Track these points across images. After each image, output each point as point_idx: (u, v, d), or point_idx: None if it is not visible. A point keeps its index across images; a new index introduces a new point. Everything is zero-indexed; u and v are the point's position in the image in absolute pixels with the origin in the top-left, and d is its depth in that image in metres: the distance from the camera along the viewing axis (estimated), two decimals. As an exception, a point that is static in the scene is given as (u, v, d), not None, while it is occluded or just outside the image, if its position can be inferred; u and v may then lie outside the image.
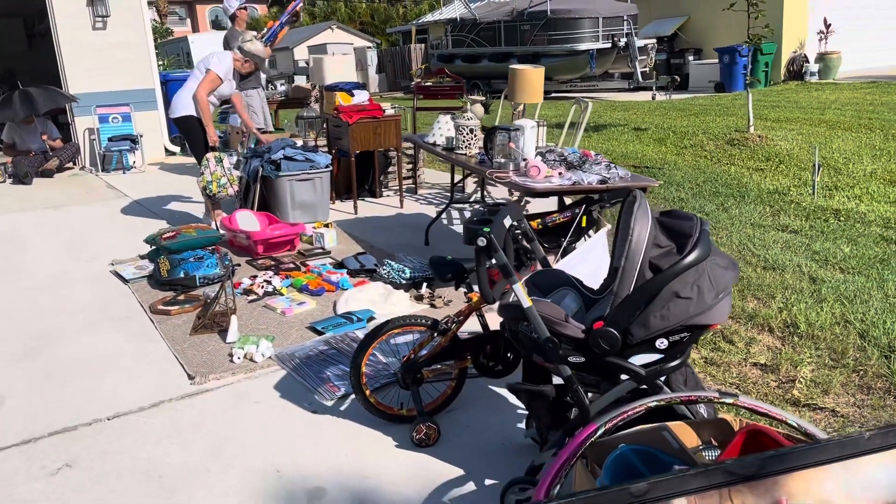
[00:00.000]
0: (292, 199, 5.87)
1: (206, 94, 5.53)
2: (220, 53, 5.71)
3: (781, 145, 8.80)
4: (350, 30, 29.66)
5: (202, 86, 5.50)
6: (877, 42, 18.59)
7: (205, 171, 5.50)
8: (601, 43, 16.37)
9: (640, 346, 2.10)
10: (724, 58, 16.07)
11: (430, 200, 6.79)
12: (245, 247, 5.22)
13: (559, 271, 2.50)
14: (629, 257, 2.04)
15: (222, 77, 5.59)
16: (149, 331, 4.04)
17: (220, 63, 5.57)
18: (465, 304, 2.87)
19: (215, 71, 5.53)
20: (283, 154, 5.88)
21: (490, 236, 2.12)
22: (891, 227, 5.69)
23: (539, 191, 3.58)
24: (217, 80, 5.56)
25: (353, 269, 4.69)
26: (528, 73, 4.53)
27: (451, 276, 2.74)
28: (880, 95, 12.97)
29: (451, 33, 19.63)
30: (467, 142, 4.48)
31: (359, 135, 6.08)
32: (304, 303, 4.21)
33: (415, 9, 36.15)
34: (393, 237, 5.59)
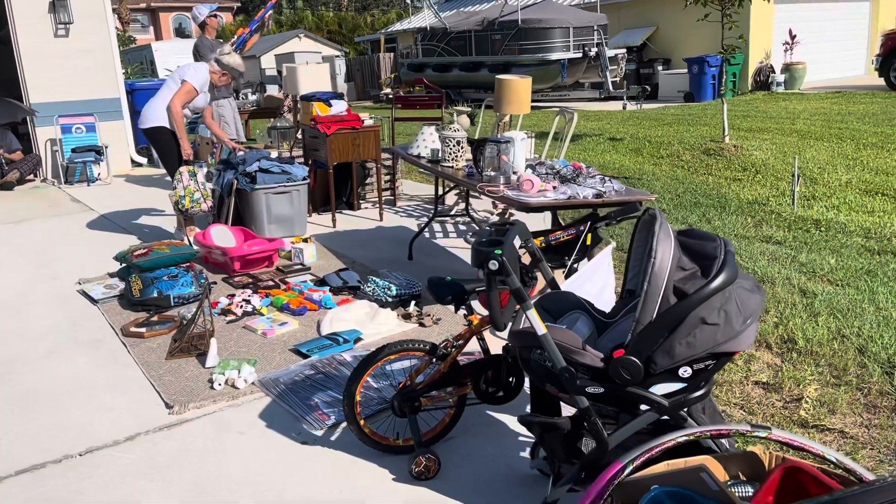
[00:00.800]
0: (269, 212, 5.67)
1: (181, 106, 5.32)
2: (196, 65, 5.50)
3: (757, 155, 8.84)
4: (318, 38, 29.40)
5: (177, 97, 5.29)
6: (840, 53, 18.98)
7: (177, 186, 5.28)
8: (572, 52, 16.41)
9: (662, 374, 1.97)
10: (693, 68, 16.22)
11: (409, 213, 6.63)
12: (221, 264, 5.01)
13: (569, 293, 2.37)
14: (652, 281, 1.91)
15: (198, 89, 5.38)
16: (121, 355, 3.81)
17: (197, 75, 5.36)
18: (464, 327, 2.73)
19: (191, 82, 5.32)
20: (259, 166, 5.68)
21: (502, 259, 1.98)
22: (871, 237, 5.69)
23: (534, 206, 3.46)
24: (193, 91, 5.35)
25: (336, 287, 4.51)
26: (516, 84, 4.42)
27: (451, 298, 2.59)
28: (846, 105, 13.17)
29: (422, 42, 19.53)
30: (454, 154, 4.34)
31: (337, 146, 5.90)
32: (286, 323, 4.02)
33: (383, 18, 36.06)
34: (375, 252, 5.43)
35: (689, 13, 17.75)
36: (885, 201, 6.77)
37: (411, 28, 25.32)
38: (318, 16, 36.57)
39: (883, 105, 12.82)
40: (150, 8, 40.40)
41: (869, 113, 11.96)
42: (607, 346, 2.28)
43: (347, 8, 41.66)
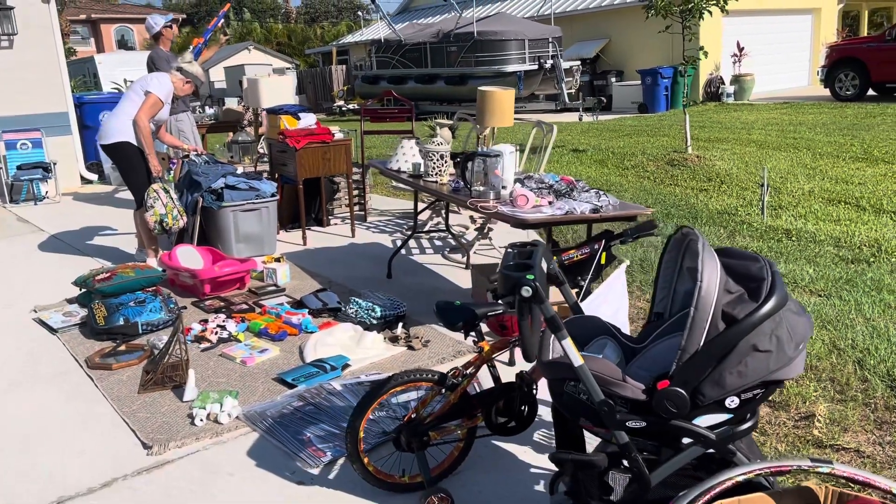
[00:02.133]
0: (236, 231, 5.41)
1: (148, 120, 5.03)
2: (159, 75, 5.22)
3: (720, 165, 8.91)
4: (267, 51, 28.97)
5: (143, 110, 5.00)
6: (785, 64, 19.51)
7: (155, 204, 4.98)
8: (528, 65, 16.47)
9: (708, 405, 1.84)
10: (647, 79, 16.44)
11: (382, 228, 6.44)
12: (189, 286, 4.74)
13: (595, 318, 2.22)
14: (699, 306, 1.78)
15: (163, 100, 5.11)
16: (88, 390, 3.52)
17: (161, 85, 5.08)
18: (474, 355, 2.56)
19: (156, 94, 5.04)
20: (225, 182, 5.43)
21: (536, 285, 1.83)
22: (842, 245, 5.74)
23: (531, 222, 3.32)
24: (158, 103, 5.07)
25: (316, 309, 4.29)
26: (499, 96, 4.29)
27: (461, 323, 2.42)
28: (796, 115, 13.48)
29: (376, 54, 19.36)
30: (438, 169, 4.19)
31: (307, 160, 5.68)
32: (266, 350, 3.79)
33: (332, 29, 35.80)
34: (351, 270, 5.22)
35: (641, 26, 18.09)
36: (849, 210, 6.86)
37: (364, 40, 25.14)
38: (266, 28, 36.11)
39: (831, 115, 13.15)
40: (91, 20, 39.25)
41: (819, 123, 12.25)
42: (638, 373, 2.14)
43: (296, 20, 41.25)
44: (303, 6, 46.06)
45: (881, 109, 13.15)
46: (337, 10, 44.34)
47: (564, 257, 2.54)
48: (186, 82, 5.33)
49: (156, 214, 4.96)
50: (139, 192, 5.17)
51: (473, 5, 17.11)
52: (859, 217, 6.58)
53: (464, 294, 4.68)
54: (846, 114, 13.11)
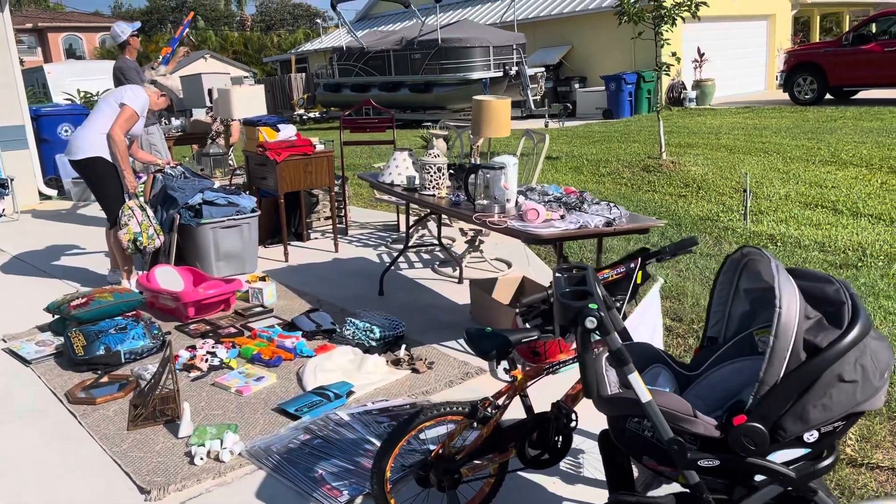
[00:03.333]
0: (216, 249, 5.16)
1: (124, 134, 4.76)
2: (134, 88, 4.94)
3: (695, 171, 8.92)
4: (224, 59, 28.44)
5: (119, 125, 4.72)
6: (742, 69, 19.85)
7: (129, 222, 4.71)
8: (493, 71, 16.42)
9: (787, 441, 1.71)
10: (611, 85, 16.52)
11: (365, 242, 6.23)
12: (170, 310, 4.48)
13: (646, 345, 2.08)
14: (779, 335, 1.65)
15: (139, 113, 4.84)
16: (71, 428, 3.26)
17: (136, 98, 4.81)
18: (505, 384, 2.40)
19: (132, 107, 4.76)
20: (202, 198, 5.17)
21: (601, 315, 1.68)
22: (827, 250, 5.74)
23: (545, 237, 3.18)
24: (134, 116, 4.80)
25: (309, 331, 4.08)
26: (495, 105, 4.15)
27: (495, 351, 2.26)
28: (760, 119, 13.67)
29: (338, 62, 19.11)
30: (435, 182, 4.02)
31: (288, 173, 5.46)
32: (263, 377, 3.57)
33: (290, 37, 35.39)
34: (339, 288, 5.01)
35: (603, 32, 18.22)
36: (827, 214, 6.90)
37: (324, 48, 24.85)
38: (221, 36, 35.52)
39: (793, 119, 13.36)
40: (38, 28, 38.07)
41: (783, 127, 12.42)
42: (695, 403, 2.01)
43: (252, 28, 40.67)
44: (258, 14, 45.46)
45: (840, 113, 13.41)
46: (293, 17, 43.87)
47: (599, 277, 2.41)
48: (161, 95, 5.07)
49: (129, 233, 4.69)
50: (112, 210, 4.89)
51: (437, 12, 17.00)
52: (838, 221, 6.61)
53: (460, 310, 4.52)
54: (807, 117, 13.33)
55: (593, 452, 2.87)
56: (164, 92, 5.06)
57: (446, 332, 4.13)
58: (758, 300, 1.99)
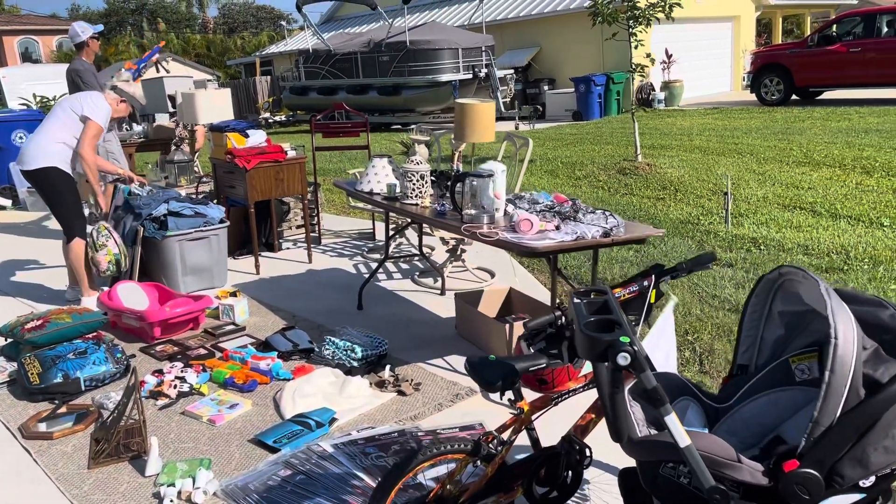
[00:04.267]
0: (183, 263, 4.87)
1: (94, 153, 4.46)
2: (93, 96, 4.59)
3: (671, 173, 8.83)
4: (187, 62, 27.84)
5: (87, 143, 4.40)
6: (708, 70, 19.97)
7: (108, 243, 4.41)
8: (462, 74, 16.24)
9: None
10: (580, 87, 16.47)
11: (339, 252, 5.98)
12: (134, 330, 4.18)
13: (671, 375, 1.89)
14: (836, 369, 1.46)
15: (104, 126, 4.53)
16: (25, 466, 2.96)
17: (98, 109, 4.48)
18: (510, 417, 2.19)
19: (97, 121, 4.45)
20: (167, 209, 4.88)
21: (634, 350, 1.47)
22: (811, 253, 5.66)
23: (541, 250, 2.98)
24: (100, 131, 4.50)
25: (286, 351, 3.82)
26: (479, 109, 3.95)
27: (500, 382, 2.04)
28: (729, 120, 13.69)
29: (304, 65, 18.75)
30: (418, 190, 3.80)
31: (258, 182, 5.19)
32: (237, 405, 3.31)
33: (254, 40, 34.86)
34: (315, 302, 4.75)
35: (571, 34, 18.16)
36: (806, 215, 6.84)
37: (289, 50, 24.44)
38: (183, 39, 34.86)
39: (761, 119, 13.40)
40: (-9, 30, 36.91)
41: (753, 127, 12.44)
42: (727, 439, 1.81)
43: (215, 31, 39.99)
44: (220, 16, 44.73)
45: (807, 113, 13.49)
46: (256, 20, 43.26)
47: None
48: (122, 101, 4.75)
49: (109, 254, 4.40)
50: (68, 223, 4.56)
51: (405, 13, 16.77)
52: (818, 223, 6.55)
53: (445, 324, 4.30)
54: (776, 118, 13.39)
55: (598, 483, 2.67)
56: (124, 98, 4.76)
57: (431, 349, 3.90)
58: (793, 324, 1.81)
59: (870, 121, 12.02)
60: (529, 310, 4.04)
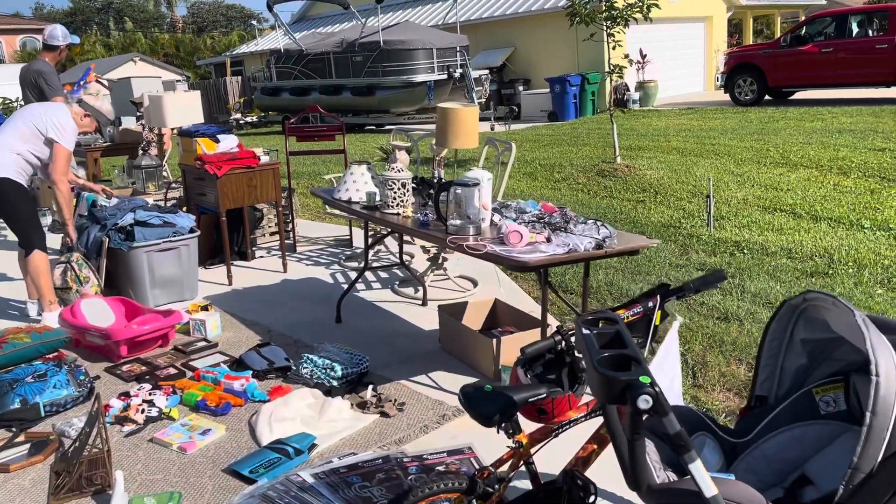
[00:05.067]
0: (151, 275, 4.64)
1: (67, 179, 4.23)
2: (59, 115, 4.26)
3: (650, 175, 8.76)
4: (155, 62, 27.35)
5: (60, 171, 4.16)
6: (682, 71, 20.04)
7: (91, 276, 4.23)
8: (437, 74, 16.08)
9: (883, 536, 1.38)
10: (556, 87, 16.40)
11: (315, 260, 5.77)
12: (99, 348, 3.95)
13: (686, 409, 1.74)
14: (878, 410, 1.32)
15: (72, 148, 4.29)
16: (-21, 504, 2.74)
17: (65, 132, 4.21)
18: (507, 451, 2.03)
19: (65, 146, 4.21)
20: (134, 218, 4.64)
21: (657, 391, 1.32)
22: (795, 256, 5.60)
23: (533, 265, 2.82)
24: (70, 156, 4.27)
25: (261, 370, 3.62)
26: (462, 114, 3.78)
27: (498, 416, 1.88)
28: (703, 121, 13.69)
29: (276, 65, 18.44)
30: (399, 199, 3.62)
31: (230, 189, 4.97)
32: (209, 430, 3.11)
33: (224, 39, 34.39)
34: (291, 315, 4.55)
35: (546, 34, 18.11)
36: (787, 217, 6.79)
37: (260, 50, 24.09)
38: (151, 38, 34.26)
39: (736, 120, 13.42)
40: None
41: (728, 128, 12.44)
42: (748, 479, 1.67)
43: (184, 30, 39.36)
44: (189, 16, 44.04)
45: (781, 113, 13.54)
46: (226, 19, 42.66)
47: (614, 320, 2.07)
48: (86, 115, 4.50)
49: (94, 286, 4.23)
50: (25, 236, 4.31)
51: (379, 12, 16.56)
52: (799, 225, 6.50)
53: (428, 338, 4.12)
54: (750, 118, 13.42)
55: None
56: (89, 112, 4.50)
57: (415, 365, 3.73)
58: (816, 352, 1.67)
59: (843, 121, 12.08)
60: (516, 322, 3.88)
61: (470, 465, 2.80)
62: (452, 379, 3.57)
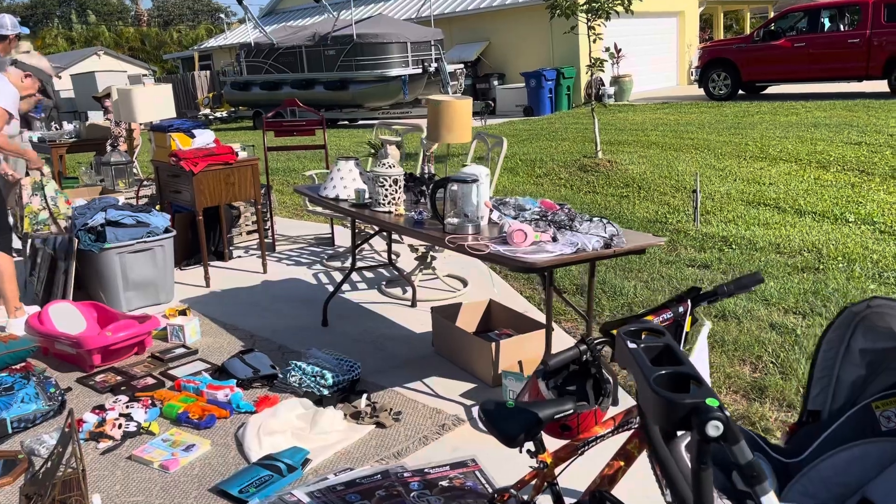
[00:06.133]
0: (124, 278, 4.39)
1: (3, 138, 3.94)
2: None
3: (632, 169, 8.67)
4: (120, 56, 26.70)
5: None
6: (655, 65, 20.08)
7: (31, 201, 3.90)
8: (412, 68, 15.87)
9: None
10: (531, 82, 16.30)
11: (296, 259, 5.55)
12: (69, 357, 3.70)
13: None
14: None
15: (10, 109, 3.98)
16: (-60, 534, 2.51)
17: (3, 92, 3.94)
18: (530, 471, 1.87)
19: (3, 107, 3.92)
20: (105, 217, 4.39)
21: (727, 416, 1.16)
22: (783, 252, 5.53)
23: (539, 266, 2.66)
24: (5, 116, 3.96)
25: (245, 379, 3.42)
26: (455, 107, 3.61)
27: (524, 434, 1.72)
28: (679, 115, 13.68)
29: (246, 59, 18.08)
30: (391, 196, 3.43)
31: (207, 186, 4.73)
32: (193, 446, 2.90)
33: (191, 33, 33.75)
34: (274, 318, 4.34)
35: (520, 28, 17.98)
36: (771, 212, 6.74)
37: (229, 44, 23.64)
38: (115, 31, 33.48)
39: (712, 114, 13.42)
40: None
41: (705, 122, 12.43)
42: (805, 503, 1.52)
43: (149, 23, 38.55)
44: (154, 8, 43.15)
45: (756, 108, 13.57)
46: (193, 12, 41.87)
47: (642, 327, 1.91)
48: (26, 76, 4.19)
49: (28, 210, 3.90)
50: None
51: (352, 6, 16.31)
52: (784, 220, 6.45)
53: (419, 341, 3.95)
54: (725, 113, 13.43)
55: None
56: (29, 72, 4.19)
57: (408, 371, 3.55)
58: (877, 363, 1.53)
59: (817, 115, 12.13)
60: (513, 324, 3.73)
61: (475, 479, 2.64)
62: (449, 385, 3.40)
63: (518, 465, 2.70)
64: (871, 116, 11.29)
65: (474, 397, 3.27)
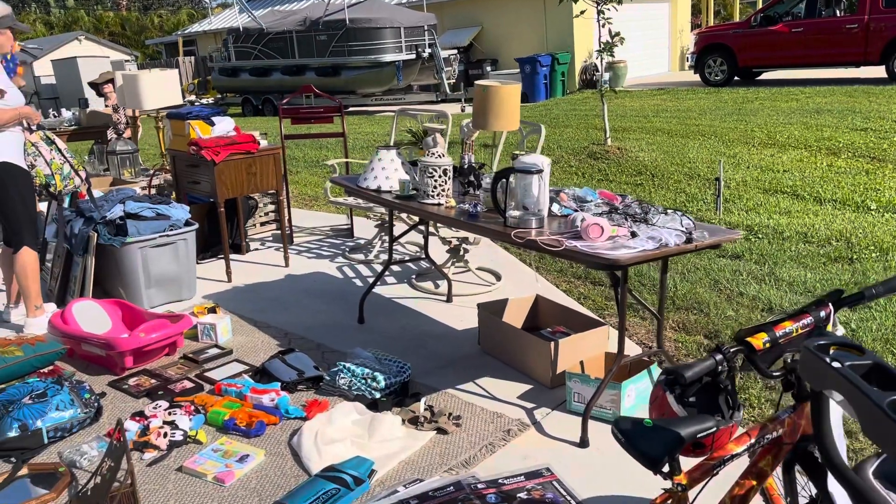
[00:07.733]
0: (146, 273, 4.17)
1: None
2: None
3: (643, 157, 8.54)
4: (101, 41, 26.09)
5: None
6: (648, 51, 19.94)
7: (36, 162, 3.65)
8: (405, 54, 15.60)
9: None
10: (526, 68, 16.11)
11: (317, 252, 5.35)
12: (98, 359, 3.49)
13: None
14: None
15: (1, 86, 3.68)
16: (-16, 558, 2.31)
17: None
18: (661, 493, 1.71)
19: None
20: (124, 210, 4.17)
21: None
22: (811, 241, 5.44)
23: (623, 262, 2.50)
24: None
25: (290, 381, 3.23)
26: (504, 92, 3.42)
27: (668, 455, 1.56)
28: (677, 101, 13.57)
29: (234, 45, 17.69)
30: (441, 188, 3.25)
31: (228, 176, 4.51)
32: (248, 456, 2.71)
33: (172, 18, 33.11)
34: (305, 315, 4.14)
35: (513, 13, 17.75)
36: (791, 200, 6.65)
37: (214, 29, 23.15)
38: (95, 16, 32.76)
39: (711, 100, 13.33)
40: None
41: (705, 108, 12.34)
42: None
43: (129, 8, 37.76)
44: (133, -8, 42.24)
45: (754, 94, 13.50)
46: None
47: (779, 332, 1.76)
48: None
49: (39, 175, 3.64)
50: (15, 228, 3.76)
51: (343, -10, 16.00)
52: (806, 208, 6.36)
53: (463, 339, 3.77)
54: (724, 99, 13.34)
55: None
56: None
57: (457, 371, 3.38)
58: None
59: (818, 101, 12.08)
60: (563, 321, 3.57)
61: (554, 491, 2.48)
62: (503, 386, 3.24)
63: (596, 476, 2.55)
64: (872, 102, 11.24)
65: (534, 399, 3.12)
